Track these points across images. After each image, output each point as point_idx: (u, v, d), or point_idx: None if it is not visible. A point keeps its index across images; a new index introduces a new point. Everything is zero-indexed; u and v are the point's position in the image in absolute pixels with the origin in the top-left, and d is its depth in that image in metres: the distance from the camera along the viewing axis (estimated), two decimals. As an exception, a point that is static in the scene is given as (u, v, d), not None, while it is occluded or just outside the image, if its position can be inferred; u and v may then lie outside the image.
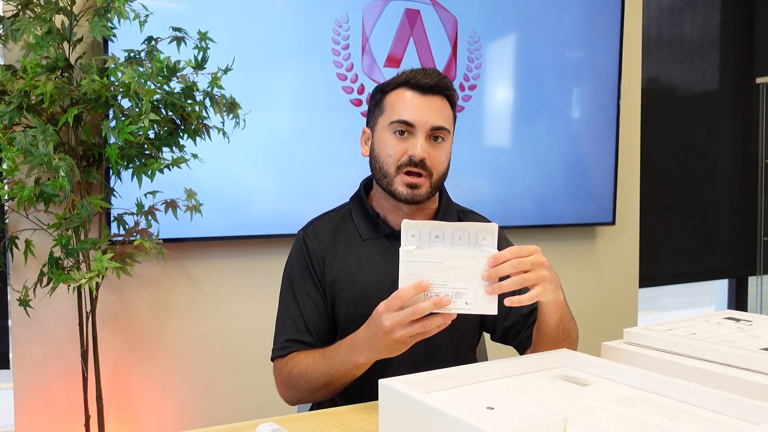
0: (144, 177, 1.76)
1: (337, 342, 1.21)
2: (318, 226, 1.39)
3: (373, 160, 1.33)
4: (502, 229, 1.49)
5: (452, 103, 1.33)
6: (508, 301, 1.02)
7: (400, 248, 1.04)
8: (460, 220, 1.42)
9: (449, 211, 1.40)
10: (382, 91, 1.35)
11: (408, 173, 1.27)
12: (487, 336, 1.46)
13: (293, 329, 1.31)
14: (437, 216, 1.37)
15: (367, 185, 1.42)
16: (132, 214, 1.92)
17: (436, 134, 1.28)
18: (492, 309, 1.03)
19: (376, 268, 1.32)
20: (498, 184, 2.71)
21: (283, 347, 1.30)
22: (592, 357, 1.03)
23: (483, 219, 1.47)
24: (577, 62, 2.85)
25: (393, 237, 1.34)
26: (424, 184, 1.28)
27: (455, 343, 1.35)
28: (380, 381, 0.91)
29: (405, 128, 1.27)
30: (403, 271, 1.03)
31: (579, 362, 1.04)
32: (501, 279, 1.04)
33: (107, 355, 2.07)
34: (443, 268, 1.03)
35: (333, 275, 1.33)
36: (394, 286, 1.04)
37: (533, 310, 1.30)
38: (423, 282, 1.02)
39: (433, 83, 1.29)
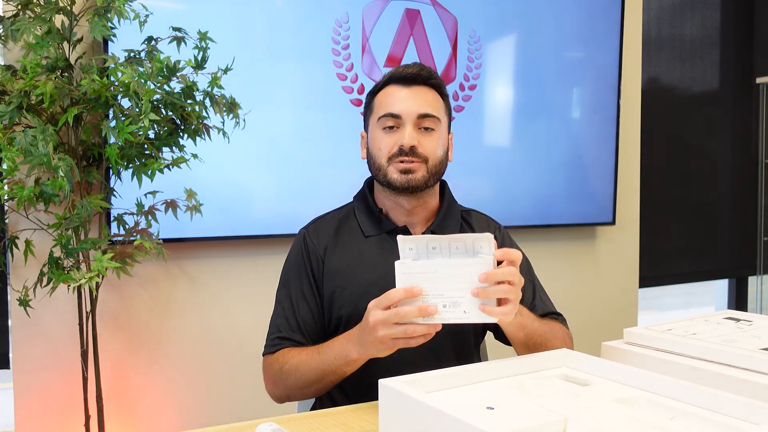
0: (144, 177, 1.76)
1: (333, 338, 1.22)
2: (321, 224, 1.40)
3: (369, 158, 1.35)
4: (506, 229, 1.49)
5: (442, 93, 1.35)
6: (482, 307, 1.02)
7: (396, 262, 1.04)
8: (463, 218, 1.42)
9: (451, 209, 1.40)
10: (372, 94, 1.38)
11: (401, 162, 1.28)
12: (487, 336, 1.46)
13: (286, 327, 1.32)
14: (439, 213, 1.38)
15: (371, 183, 1.42)
16: (132, 214, 1.92)
17: (424, 123, 1.29)
18: (490, 318, 1.02)
19: (377, 264, 1.32)
20: (498, 184, 2.71)
21: (274, 344, 1.32)
22: (592, 357, 1.03)
23: (486, 218, 1.47)
24: (577, 62, 2.85)
25: (396, 233, 1.34)
26: (418, 169, 1.29)
27: (459, 341, 1.35)
28: (380, 381, 0.91)
29: (393, 121, 1.29)
30: (399, 284, 1.03)
31: (579, 362, 1.04)
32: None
33: (107, 355, 2.07)
34: (439, 279, 1.02)
35: (334, 271, 1.33)
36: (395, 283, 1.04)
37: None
38: (415, 288, 1.02)
39: (415, 72, 1.31)
